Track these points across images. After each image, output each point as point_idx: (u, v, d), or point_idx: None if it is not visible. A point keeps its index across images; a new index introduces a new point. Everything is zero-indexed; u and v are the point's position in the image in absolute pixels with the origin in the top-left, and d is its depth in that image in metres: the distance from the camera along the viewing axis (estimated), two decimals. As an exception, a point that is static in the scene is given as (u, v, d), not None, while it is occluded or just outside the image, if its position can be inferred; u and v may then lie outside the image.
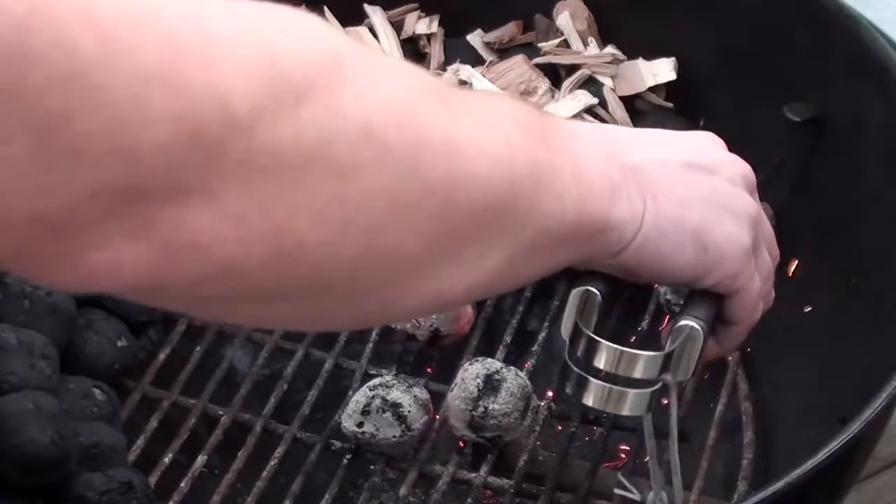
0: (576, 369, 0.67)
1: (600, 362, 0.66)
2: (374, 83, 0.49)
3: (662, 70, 1.16)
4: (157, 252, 0.45)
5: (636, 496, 0.79)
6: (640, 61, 1.17)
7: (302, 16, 0.48)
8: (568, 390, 0.68)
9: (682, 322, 0.68)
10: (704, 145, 0.71)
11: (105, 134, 0.41)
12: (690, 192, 0.67)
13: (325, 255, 0.49)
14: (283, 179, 0.46)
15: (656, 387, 0.67)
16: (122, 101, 0.41)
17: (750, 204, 0.70)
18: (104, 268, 0.45)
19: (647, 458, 0.75)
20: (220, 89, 0.43)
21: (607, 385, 0.66)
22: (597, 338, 0.66)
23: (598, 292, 0.68)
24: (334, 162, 0.47)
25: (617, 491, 0.83)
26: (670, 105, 1.15)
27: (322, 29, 0.49)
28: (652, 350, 0.67)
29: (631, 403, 0.67)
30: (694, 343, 0.67)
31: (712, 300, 0.70)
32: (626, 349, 0.66)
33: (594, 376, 0.67)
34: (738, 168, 0.71)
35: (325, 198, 0.47)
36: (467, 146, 0.53)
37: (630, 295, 1.05)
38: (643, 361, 0.66)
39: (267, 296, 0.50)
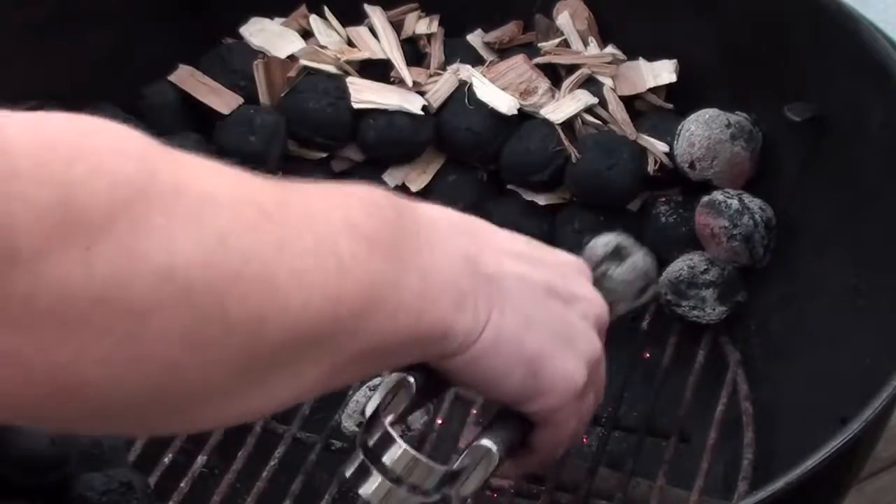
0: (362, 456, 0.64)
1: (389, 460, 0.64)
2: (183, 217, 0.46)
3: (663, 72, 1.15)
4: None
5: None
6: (642, 62, 1.16)
7: (113, 137, 0.46)
8: (347, 473, 0.65)
9: (483, 441, 0.67)
10: (569, 273, 0.69)
11: None
12: (539, 317, 0.65)
13: (111, 392, 0.46)
14: (69, 320, 0.43)
15: (436, 498, 0.65)
16: None
17: (595, 345, 0.69)
18: None
19: None
20: (5, 227, 0.41)
21: (391, 484, 0.64)
22: (393, 434, 0.64)
23: (413, 382, 0.66)
24: (128, 303, 0.44)
25: None
26: (670, 106, 1.15)
27: (133, 153, 0.46)
28: (441, 462, 0.65)
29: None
30: (488, 464, 0.66)
31: (521, 425, 0.69)
32: (419, 456, 0.64)
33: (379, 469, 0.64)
34: (595, 307, 0.70)
35: (114, 338, 0.44)
36: (284, 278, 0.49)
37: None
38: (432, 473, 0.64)
39: (52, 420, 0.48)
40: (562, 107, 1.14)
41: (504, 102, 1.13)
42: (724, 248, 1.05)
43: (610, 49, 1.19)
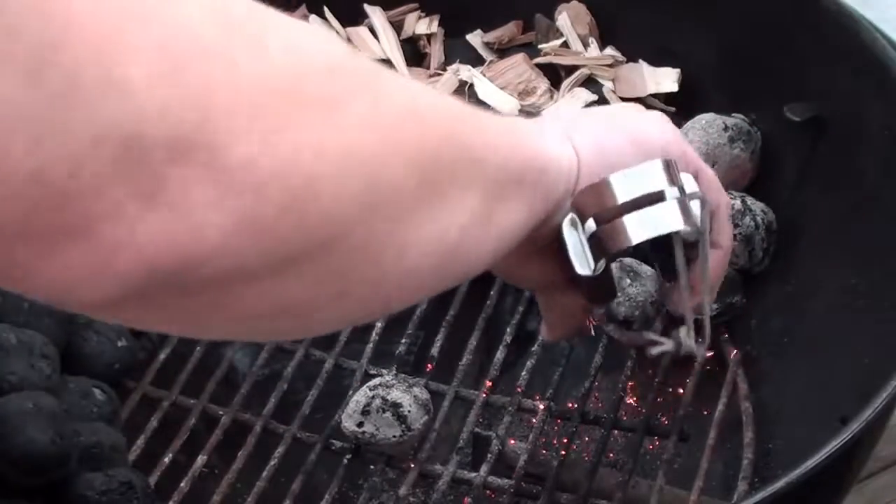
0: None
1: (616, 197, 0.68)
2: (309, 33, 0.50)
3: (666, 80, 1.15)
4: (171, 220, 0.42)
5: (667, 345, 0.80)
6: (644, 65, 1.16)
7: None
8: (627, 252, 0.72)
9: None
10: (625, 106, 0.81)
11: (95, 62, 0.39)
12: (609, 115, 0.76)
13: (334, 192, 0.47)
14: (280, 115, 0.45)
15: (684, 195, 0.69)
16: (106, 29, 0.40)
17: (667, 118, 0.76)
18: (122, 247, 0.42)
19: (680, 283, 0.74)
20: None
21: (637, 211, 0.68)
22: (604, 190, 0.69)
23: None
24: (315, 96, 0.47)
25: (652, 350, 0.82)
26: (672, 109, 1.15)
27: None
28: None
29: (667, 213, 0.68)
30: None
31: None
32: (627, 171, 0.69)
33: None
34: (657, 111, 0.79)
35: (319, 130, 0.46)
36: (410, 88, 0.55)
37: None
38: (653, 167, 0.69)
39: (284, 258, 0.47)
40: (562, 106, 1.14)
41: (506, 103, 1.13)
42: (724, 248, 1.05)
43: (609, 51, 1.19)
